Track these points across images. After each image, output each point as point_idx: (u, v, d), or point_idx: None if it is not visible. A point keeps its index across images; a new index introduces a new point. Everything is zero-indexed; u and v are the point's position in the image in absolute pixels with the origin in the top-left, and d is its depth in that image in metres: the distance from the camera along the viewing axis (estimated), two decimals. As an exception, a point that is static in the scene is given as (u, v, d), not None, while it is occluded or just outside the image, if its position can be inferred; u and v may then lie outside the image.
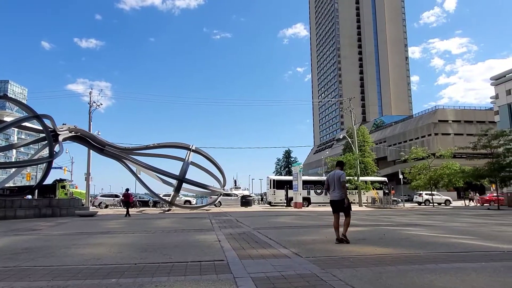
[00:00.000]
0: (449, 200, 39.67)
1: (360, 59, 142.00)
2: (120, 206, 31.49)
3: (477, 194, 40.20)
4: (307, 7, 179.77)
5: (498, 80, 32.40)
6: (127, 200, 21.98)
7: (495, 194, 31.68)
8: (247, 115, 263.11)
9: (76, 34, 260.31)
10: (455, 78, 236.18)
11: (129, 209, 21.70)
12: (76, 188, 44.65)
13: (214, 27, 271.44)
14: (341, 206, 7.74)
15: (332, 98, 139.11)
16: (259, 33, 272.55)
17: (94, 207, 32.53)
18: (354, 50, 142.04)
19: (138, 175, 27.54)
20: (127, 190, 23.13)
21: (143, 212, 26.51)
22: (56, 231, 12.07)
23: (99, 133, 30.86)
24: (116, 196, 35.68)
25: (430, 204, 37.20)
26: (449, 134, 63.16)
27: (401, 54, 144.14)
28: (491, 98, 34.82)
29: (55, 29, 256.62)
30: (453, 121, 64.66)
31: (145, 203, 34.24)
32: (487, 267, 5.16)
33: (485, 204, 35.87)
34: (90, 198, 34.90)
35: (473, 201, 39.13)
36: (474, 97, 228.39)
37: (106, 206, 33.58)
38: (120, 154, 26.62)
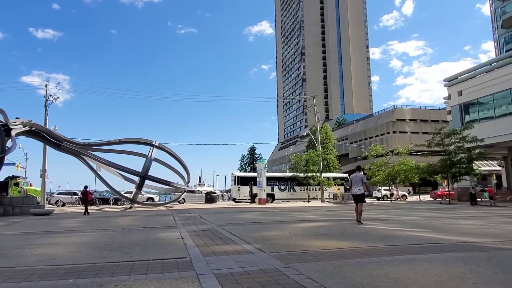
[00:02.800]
0: (405, 195, 41.58)
1: (324, 58, 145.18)
2: (79, 204, 30.29)
3: (397, 189, 40.21)
4: (273, 5, 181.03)
5: (451, 81, 34.16)
6: (86, 198, 21.25)
7: (446, 189, 33.56)
8: (211, 111, 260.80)
9: (32, 23, 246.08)
10: (412, 79, 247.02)
11: (88, 207, 20.99)
12: (31, 185, 42.34)
13: (179, 21, 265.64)
14: (360, 198, 11.36)
15: (296, 95, 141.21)
16: (224, 30, 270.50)
17: (50, 205, 31.11)
18: (318, 49, 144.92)
19: (98, 172, 26.61)
20: (86, 187, 22.36)
21: (103, 210, 25.67)
22: (8, 231, 11.43)
23: (56, 128, 29.46)
24: (74, 193, 34.25)
25: (388, 199, 38.82)
26: (406, 132, 65.98)
27: (362, 54, 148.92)
28: (444, 98, 36.70)
29: (9, 17, 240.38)
30: (409, 120, 67.59)
31: (105, 201, 33.15)
32: (438, 258, 5.48)
33: (437, 199, 37.98)
34: (46, 196, 33.33)
35: (392, 197, 38.86)
36: (429, 98, 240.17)
37: (64, 204, 32.18)
38: (78, 150, 25.56)
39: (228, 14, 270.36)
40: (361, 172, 11.75)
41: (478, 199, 27.20)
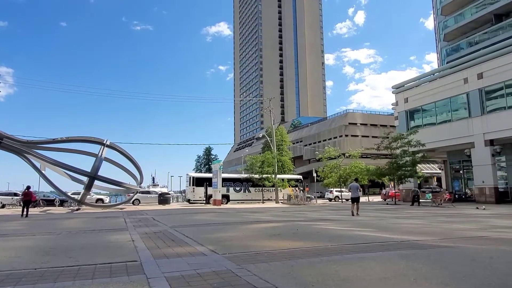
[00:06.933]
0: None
1: (281, 61, 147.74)
2: (21, 205, 28.30)
3: (301, 191, 36.78)
4: (232, 6, 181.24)
5: (398, 89, 36.14)
6: (28, 199, 19.81)
7: (393, 191, 35.39)
8: (166, 110, 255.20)
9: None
10: (363, 86, 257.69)
11: (30, 209, 19.59)
12: (-36, 185, 39.03)
13: (134, 17, 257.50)
14: (358, 200, 16.08)
15: (253, 97, 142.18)
16: (182, 29, 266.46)
17: (-14, 207, 28.77)
18: (276, 52, 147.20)
19: (43, 172, 25.03)
20: (28, 187, 20.90)
21: (47, 212, 24.19)
22: None
23: (-5, 124, 27.35)
24: (15, 194, 31.97)
25: (339, 200, 40.19)
26: (357, 136, 68.69)
27: (318, 59, 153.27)
28: (392, 104, 38.62)
29: None
30: (360, 124, 70.47)
31: (50, 202, 31.23)
32: (383, 256, 5.78)
33: (386, 200, 39.92)
34: (-18, 197, 30.74)
35: (296, 198, 34.25)
36: (378, 104, 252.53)
37: (3, 206, 29.89)
38: (21, 148, 23.89)
39: (185, 13, 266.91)
40: (356, 182, 18.09)
41: (420, 200, 28.96)
